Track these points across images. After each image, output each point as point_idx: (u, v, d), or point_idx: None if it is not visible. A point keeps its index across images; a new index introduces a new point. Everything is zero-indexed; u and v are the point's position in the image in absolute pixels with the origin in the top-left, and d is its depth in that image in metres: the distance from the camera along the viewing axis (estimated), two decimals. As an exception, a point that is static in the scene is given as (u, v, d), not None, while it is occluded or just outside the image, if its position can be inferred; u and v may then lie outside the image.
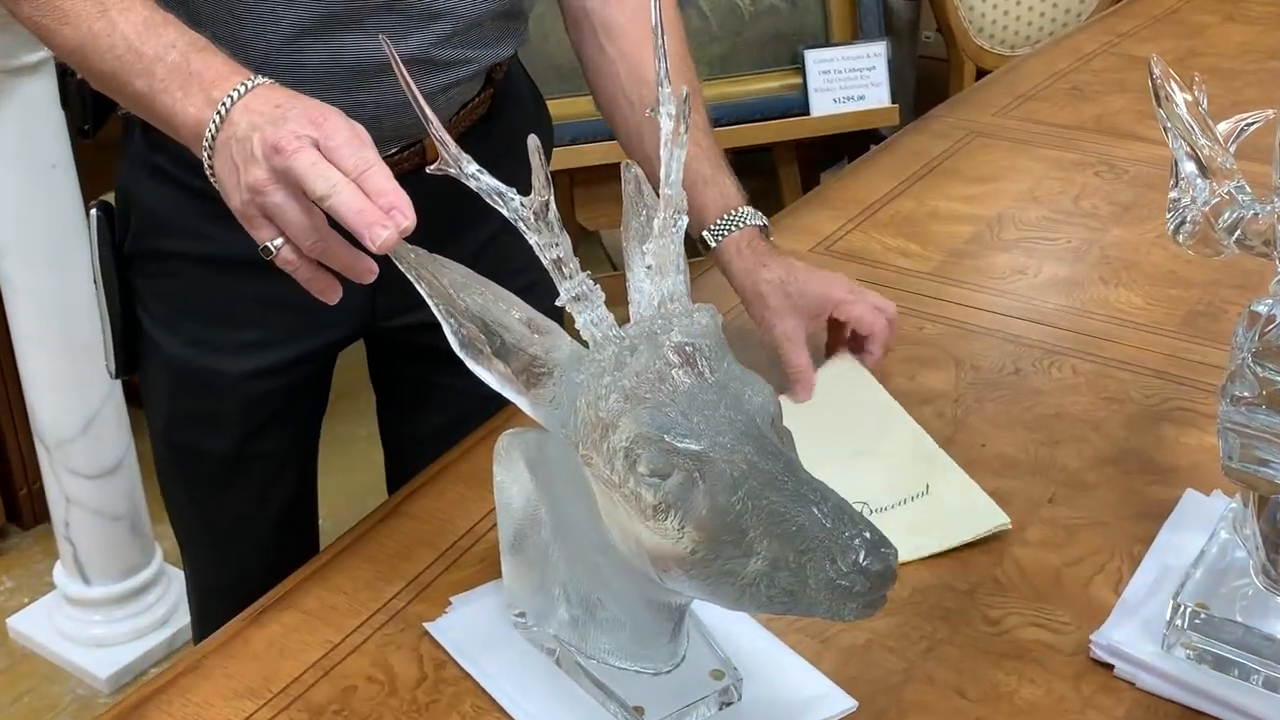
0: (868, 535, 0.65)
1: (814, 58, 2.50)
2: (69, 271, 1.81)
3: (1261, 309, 0.71)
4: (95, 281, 1.15)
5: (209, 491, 1.22)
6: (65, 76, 1.15)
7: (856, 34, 2.56)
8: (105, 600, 2.04)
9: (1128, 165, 1.62)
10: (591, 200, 2.47)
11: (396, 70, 0.75)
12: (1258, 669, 0.85)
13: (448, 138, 0.75)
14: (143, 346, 1.16)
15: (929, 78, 3.35)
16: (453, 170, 0.75)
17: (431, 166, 0.77)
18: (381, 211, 0.76)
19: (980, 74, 2.79)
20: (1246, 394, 0.67)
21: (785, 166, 2.72)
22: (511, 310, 0.77)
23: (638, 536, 0.73)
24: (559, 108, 1.68)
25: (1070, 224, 1.48)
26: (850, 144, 3.03)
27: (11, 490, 2.29)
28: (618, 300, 0.77)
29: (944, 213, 1.51)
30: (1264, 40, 2.02)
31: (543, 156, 0.73)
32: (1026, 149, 1.67)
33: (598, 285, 0.74)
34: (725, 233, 1.14)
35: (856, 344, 1.17)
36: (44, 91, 1.74)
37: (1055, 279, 1.36)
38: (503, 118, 1.15)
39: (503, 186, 0.74)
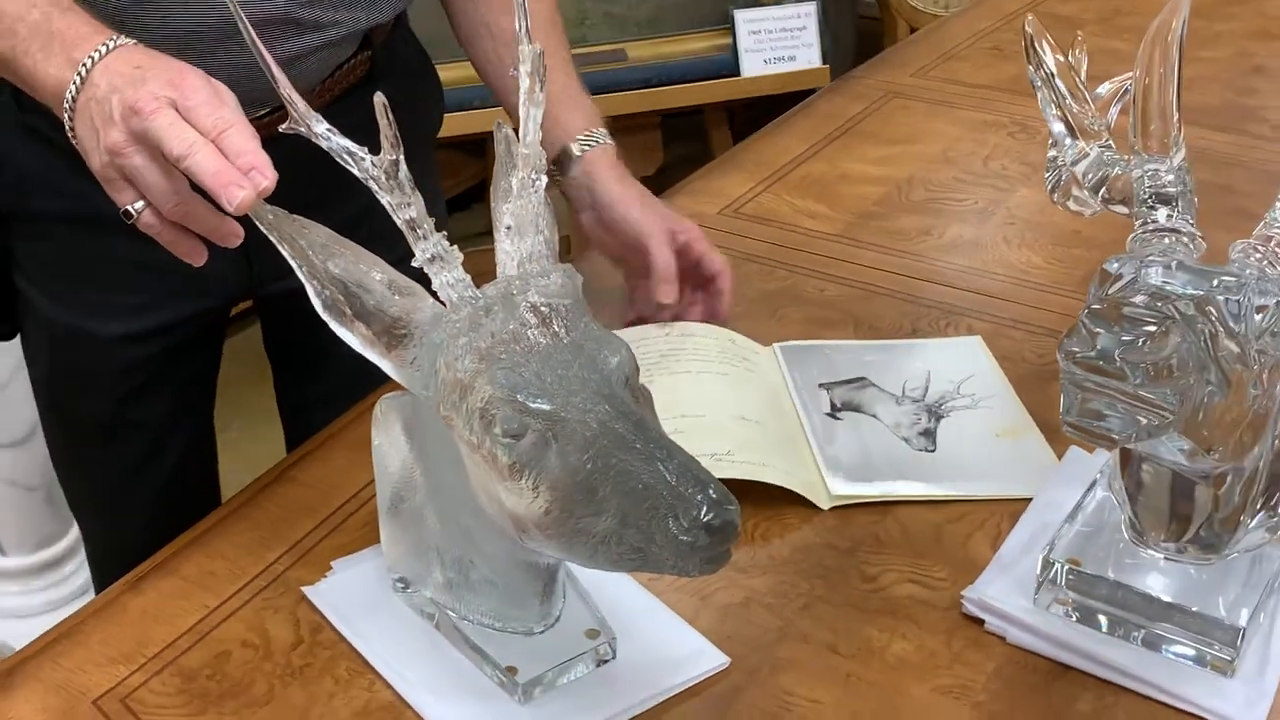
0: (711, 493, 0.67)
1: (744, 18, 2.51)
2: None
3: (1112, 267, 0.72)
4: None
5: (89, 455, 1.22)
6: None
7: (787, -7, 2.57)
8: (21, 571, 2.03)
9: (1041, 126, 1.61)
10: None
11: (243, 28, 0.75)
12: (1130, 624, 0.86)
13: (295, 96, 0.75)
14: (21, 308, 1.16)
15: (870, 36, 3.36)
16: (302, 129, 0.76)
17: (283, 126, 0.77)
18: (239, 172, 0.76)
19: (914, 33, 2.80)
20: (1078, 349, 0.68)
21: (716, 129, 2.73)
22: (373, 271, 0.77)
23: (498, 497, 0.74)
24: (467, 70, 1.67)
25: (979, 185, 1.49)
26: (786, 105, 3.03)
27: (-73, 461, 2.27)
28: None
29: (854, 175, 1.51)
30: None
31: (390, 114, 0.73)
32: (944, 110, 1.68)
33: (454, 247, 0.75)
34: (594, 143, 1.16)
35: (699, 284, 1.18)
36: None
37: (959, 240, 1.38)
38: (384, 82, 1.14)
39: (353, 146, 0.74)
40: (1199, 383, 0.69)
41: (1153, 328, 0.67)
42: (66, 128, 0.84)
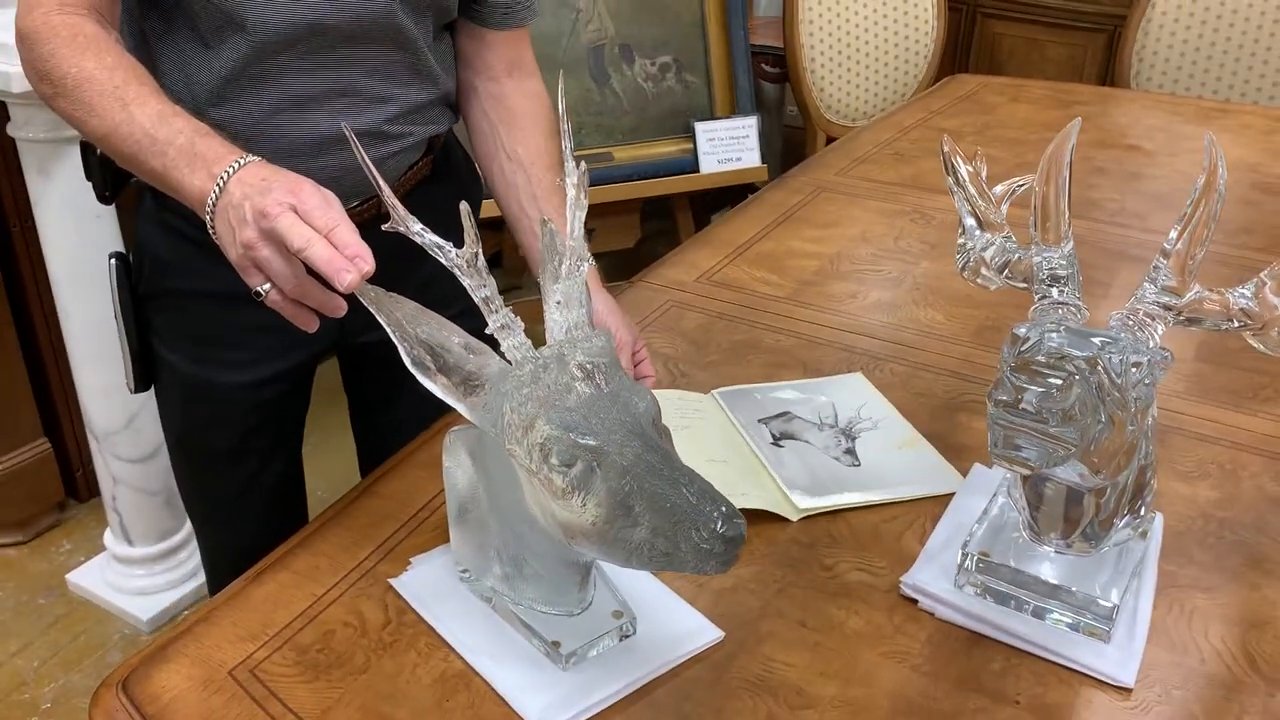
0: (724, 509, 0.66)
1: (702, 128, 2.51)
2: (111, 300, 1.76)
3: (1020, 331, 0.72)
4: (116, 317, 1.12)
5: (214, 478, 1.19)
6: (87, 153, 1.11)
7: (735, 110, 2.57)
8: (146, 558, 1.99)
9: (934, 213, 1.64)
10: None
11: (355, 149, 0.74)
12: (1026, 600, 0.86)
13: (397, 202, 0.74)
14: (157, 367, 1.14)
15: (793, 142, 3.38)
16: (401, 228, 0.75)
17: (385, 225, 0.76)
18: (347, 260, 0.75)
19: (829, 140, 2.81)
20: (1005, 398, 0.68)
21: (681, 212, 2.73)
22: (452, 336, 0.76)
23: (551, 511, 0.73)
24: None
25: (890, 259, 1.49)
26: (734, 194, 3.05)
27: (70, 472, 2.23)
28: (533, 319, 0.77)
29: (796, 251, 1.51)
30: (1041, 116, 2.07)
31: (473, 218, 0.72)
32: (860, 201, 1.69)
33: (518, 317, 0.74)
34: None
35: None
36: (89, 157, 1.70)
37: (879, 302, 1.37)
38: (442, 178, 1.14)
39: (441, 240, 0.73)
40: (1093, 422, 0.69)
41: (1060, 381, 0.67)
42: (208, 227, 0.83)
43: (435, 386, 0.77)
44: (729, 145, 2.53)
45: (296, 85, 0.98)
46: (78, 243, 1.72)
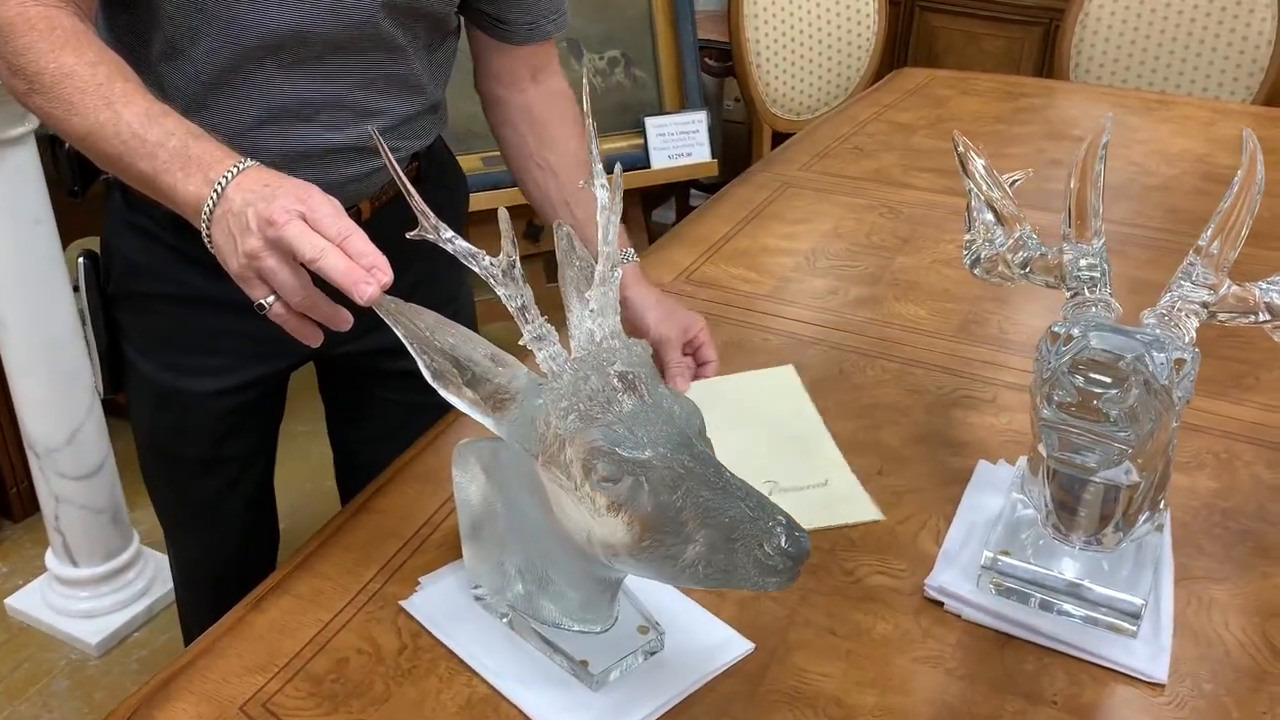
0: (784, 521, 0.63)
1: (652, 123, 2.49)
2: (52, 310, 1.67)
3: (1060, 329, 0.71)
4: (83, 318, 1.07)
5: (186, 487, 1.15)
6: (55, 146, 1.05)
7: (684, 105, 2.55)
8: (92, 579, 1.89)
9: (902, 207, 1.63)
10: (477, 237, 2.41)
11: (385, 158, 0.70)
12: (1051, 599, 0.86)
13: (427, 209, 0.70)
14: (126, 371, 1.08)
15: (731, 137, 3.37)
16: (431, 236, 0.71)
17: (412, 233, 0.72)
18: (364, 270, 0.70)
19: (774, 135, 2.81)
20: (1069, 399, 0.67)
21: (632, 208, 2.69)
22: (478, 348, 0.72)
23: (590, 529, 0.70)
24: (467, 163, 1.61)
25: (866, 254, 1.48)
26: (674, 189, 3.03)
27: (4, 491, 2.12)
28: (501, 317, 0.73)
29: (771, 248, 1.50)
30: (990, 109, 2.08)
31: (510, 225, 0.68)
32: (827, 196, 1.68)
33: (553, 328, 0.70)
34: (625, 260, 1.09)
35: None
36: (28, 159, 1.60)
37: (860, 298, 1.36)
38: (427, 181, 1.10)
39: (474, 249, 0.70)
40: (1146, 420, 0.68)
41: (1120, 380, 0.66)
42: (204, 235, 0.77)
43: (461, 401, 0.73)
44: (679, 140, 2.51)
45: (280, 96, 0.93)
46: (16, 250, 1.63)
